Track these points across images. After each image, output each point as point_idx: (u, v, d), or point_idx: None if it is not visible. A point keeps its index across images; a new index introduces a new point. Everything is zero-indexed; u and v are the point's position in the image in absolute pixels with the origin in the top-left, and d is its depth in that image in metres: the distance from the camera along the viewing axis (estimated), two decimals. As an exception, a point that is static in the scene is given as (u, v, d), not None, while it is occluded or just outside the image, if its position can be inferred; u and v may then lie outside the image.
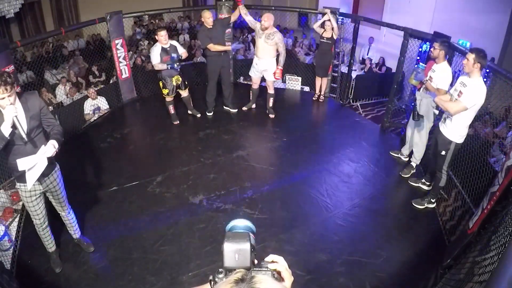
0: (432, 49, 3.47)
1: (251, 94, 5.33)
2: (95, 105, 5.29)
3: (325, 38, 5.42)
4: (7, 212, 3.43)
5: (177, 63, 4.42)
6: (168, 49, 4.42)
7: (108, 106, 5.45)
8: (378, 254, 2.99)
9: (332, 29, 5.29)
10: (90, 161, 4.17)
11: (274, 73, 4.77)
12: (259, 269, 0.75)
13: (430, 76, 3.48)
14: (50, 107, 5.81)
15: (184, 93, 4.89)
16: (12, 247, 3.05)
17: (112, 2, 7.54)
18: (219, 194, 3.64)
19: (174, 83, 4.64)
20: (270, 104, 5.19)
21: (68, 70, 6.97)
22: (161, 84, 4.63)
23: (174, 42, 4.57)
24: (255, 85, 5.17)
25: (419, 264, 2.93)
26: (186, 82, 4.82)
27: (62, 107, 5.50)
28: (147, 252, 2.97)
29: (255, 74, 5.00)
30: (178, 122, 4.98)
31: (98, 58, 6.85)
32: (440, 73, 3.39)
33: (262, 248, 2.92)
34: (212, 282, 0.77)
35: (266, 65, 4.80)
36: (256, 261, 0.80)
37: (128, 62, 5.48)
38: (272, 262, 0.82)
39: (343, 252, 2.99)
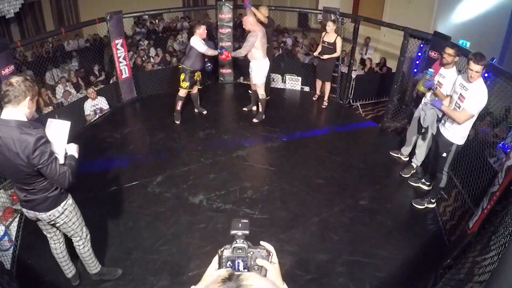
0: (445, 56, 3.34)
1: (251, 96, 5.30)
2: (96, 105, 5.28)
3: (326, 43, 5.14)
4: (7, 212, 3.42)
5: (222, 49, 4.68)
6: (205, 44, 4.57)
7: (108, 106, 5.45)
8: (378, 254, 3.00)
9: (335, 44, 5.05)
10: (90, 161, 4.17)
11: (223, 53, 4.72)
12: (254, 247, 0.93)
13: (438, 81, 3.42)
14: (50, 107, 5.82)
15: (194, 90, 4.94)
16: (12, 247, 3.05)
17: (112, 2, 7.55)
18: (219, 194, 3.64)
19: (195, 78, 4.71)
20: (259, 108, 5.06)
21: (68, 71, 6.97)
22: (182, 76, 4.66)
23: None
24: (254, 86, 5.08)
25: (419, 264, 2.93)
26: (201, 81, 4.91)
27: (62, 107, 5.50)
28: (147, 252, 2.97)
29: (250, 74, 4.96)
30: (179, 122, 4.98)
31: (98, 58, 6.85)
32: (450, 79, 3.32)
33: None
34: (219, 255, 0.92)
35: (251, 66, 4.76)
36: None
37: (128, 62, 5.48)
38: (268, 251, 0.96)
39: (343, 252, 3.00)
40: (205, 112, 5.19)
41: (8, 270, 2.78)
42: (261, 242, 0.97)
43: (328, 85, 5.51)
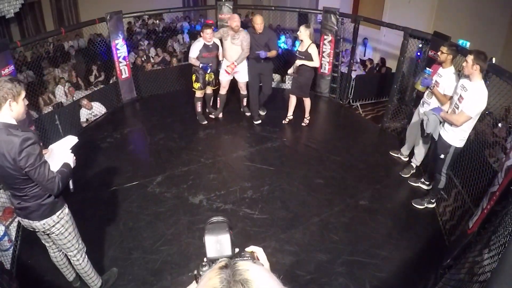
0: (439, 53, 3.37)
1: (218, 101, 5.04)
2: (92, 113, 5.20)
3: (297, 52, 4.48)
4: (7, 212, 3.42)
5: (210, 64, 4.53)
6: (211, 46, 4.49)
7: (105, 110, 5.36)
8: (378, 254, 3.00)
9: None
10: (90, 161, 4.17)
11: (228, 66, 4.57)
12: (241, 258, 0.79)
13: (436, 81, 3.42)
14: (50, 107, 5.82)
15: (209, 90, 4.91)
16: (12, 247, 3.05)
17: (112, 2, 7.54)
18: (219, 194, 3.64)
19: (207, 79, 4.68)
20: (244, 103, 5.21)
21: (68, 70, 6.96)
22: (194, 77, 4.67)
23: (217, 41, 4.60)
24: (224, 89, 4.90)
25: (419, 264, 2.93)
26: (217, 81, 4.86)
27: (62, 107, 5.50)
28: (147, 252, 2.97)
29: (224, 77, 4.79)
30: (206, 122, 4.97)
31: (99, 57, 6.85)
32: (447, 78, 3.33)
33: (262, 248, 2.91)
34: (197, 277, 0.80)
35: (239, 67, 4.64)
36: (237, 249, 0.86)
37: (128, 62, 5.48)
38: (252, 252, 0.90)
39: (343, 252, 3.00)
40: (213, 116, 5.14)
41: (8, 270, 2.78)
42: (249, 248, 0.92)
43: (307, 102, 4.78)
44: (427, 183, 3.73)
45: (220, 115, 5.17)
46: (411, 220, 3.42)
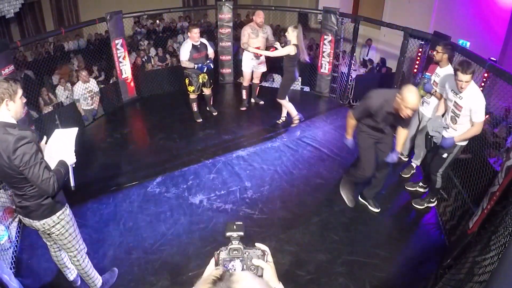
0: (435, 53, 3.37)
1: (244, 93, 5.36)
2: (88, 88, 5.03)
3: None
4: (7, 212, 3.42)
5: (205, 63, 4.53)
6: (199, 46, 4.49)
7: (98, 89, 5.23)
8: (378, 254, 2.99)
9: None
10: (90, 161, 4.17)
11: (274, 48, 4.52)
12: (249, 248, 0.95)
13: (434, 81, 3.42)
14: (50, 107, 5.81)
15: (207, 91, 4.95)
16: (12, 247, 3.05)
17: (112, 2, 7.55)
18: (219, 194, 3.64)
19: (200, 81, 4.68)
20: (256, 93, 5.49)
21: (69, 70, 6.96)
22: (187, 81, 4.69)
23: (204, 40, 4.63)
24: (247, 82, 5.28)
25: (419, 264, 2.93)
26: (211, 81, 4.90)
27: (62, 107, 5.49)
28: (147, 252, 2.97)
29: (250, 68, 5.14)
30: (201, 120, 5.01)
31: (99, 58, 6.84)
32: (446, 77, 3.31)
33: (262, 248, 2.91)
34: (216, 255, 0.94)
35: (263, 57, 5.01)
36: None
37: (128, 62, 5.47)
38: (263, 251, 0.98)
39: (343, 252, 3.00)
40: (215, 113, 5.20)
41: (8, 270, 2.77)
42: (256, 244, 0.99)
43: (283, 103, 4.74)
44: (425, 186, 3.71)
45: (245, 107, 5.43)
46: (411, 220, 3.42)
